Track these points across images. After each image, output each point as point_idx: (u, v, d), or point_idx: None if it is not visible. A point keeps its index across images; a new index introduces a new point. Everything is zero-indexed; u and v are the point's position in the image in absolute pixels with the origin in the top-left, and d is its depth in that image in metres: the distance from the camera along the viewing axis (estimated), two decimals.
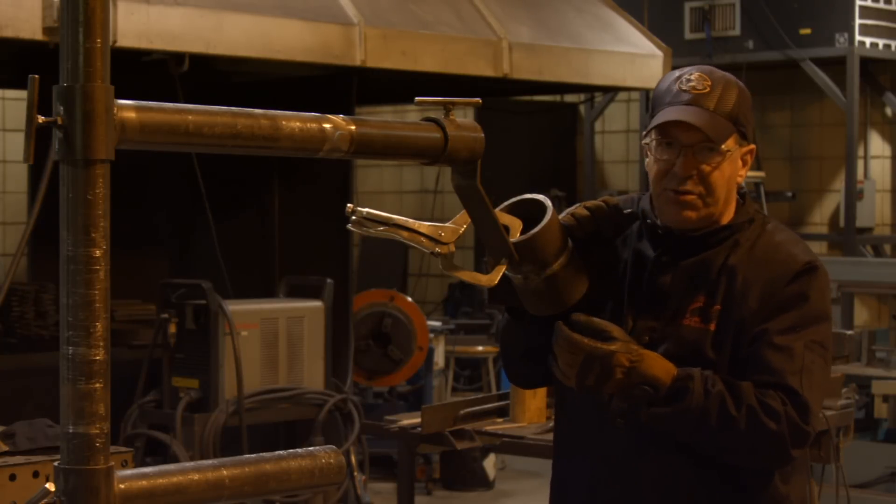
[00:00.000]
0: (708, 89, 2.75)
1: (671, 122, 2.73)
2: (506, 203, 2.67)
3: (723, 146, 2.73)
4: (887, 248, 10.68)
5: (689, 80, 2.77)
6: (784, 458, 2.70)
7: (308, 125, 1.89)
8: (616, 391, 2.67)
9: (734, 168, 2.78)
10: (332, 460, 1.95)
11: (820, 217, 10.87)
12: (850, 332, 7.12)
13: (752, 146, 2.83)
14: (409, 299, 8.91)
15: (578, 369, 2.65)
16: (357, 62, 6.87)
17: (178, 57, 6.41)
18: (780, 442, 2.65)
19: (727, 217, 2.81)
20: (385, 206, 10.56)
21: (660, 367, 2.66)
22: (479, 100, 2.34)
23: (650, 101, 2.85)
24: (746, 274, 2.74)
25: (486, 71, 7.54)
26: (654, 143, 2.77)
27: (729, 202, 2.81)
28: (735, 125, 2.75)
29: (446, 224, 2.40)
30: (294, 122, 1.87)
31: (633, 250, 2.84)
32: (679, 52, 9.61)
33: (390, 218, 2.33)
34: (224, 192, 7.73)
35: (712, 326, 2.72)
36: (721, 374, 2.69)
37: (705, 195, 2.75)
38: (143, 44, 6.10)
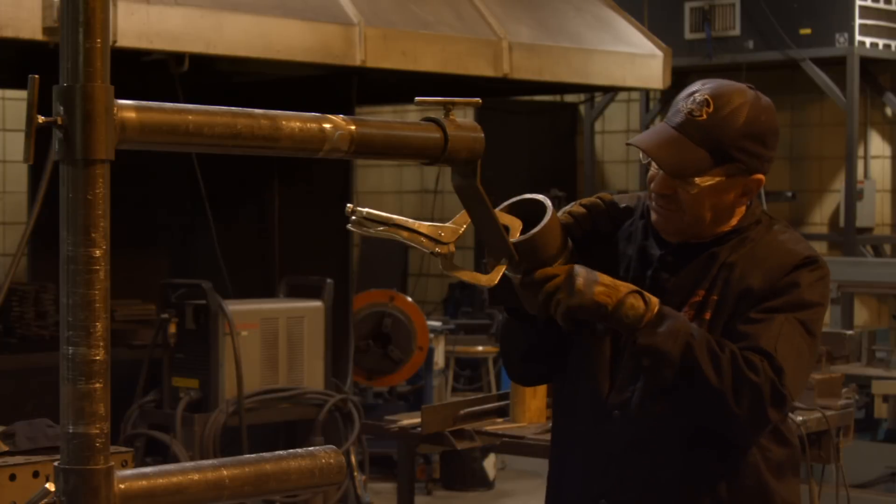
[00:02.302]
0: (704, 116, 2.68)
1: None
2: (506, 203, 2.67)
3: (696, 179, 2.69)
4: (887, 248, 10.67)
5: (694, 101, 2.71)
6: (761, 414, 2.64)
7: (308, 125, 1.89)
8: (610, 302, 2.59)
9: (721, 198, 2.73)
10: (332, 460, 1.95)
11: (820, 217, 10.87)
12: (850, 332, 7.11)
13: (758, 176, 2.74)
14: (409, 299, 8.91)
15: (564, 279, 2.59)
16: (357, 62, 6.87)
17: (178, 57, 6.41)
18: (758, 393, 2.61)
19: (731, 224, 2.80)
20: (385, 206, 10.57)
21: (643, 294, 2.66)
22: (479, 100, 2.34)
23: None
24: (745, 268, 2.75)
25: (486, 71, 7.55)
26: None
27: (720, 223, 2.78)
28: (723, 159, 2.69)
29: (446, 224, 2.40)
30: (294, 122, 1.87)
31: (638, 247, 2.84)
32: (679, 52, 9.62)
33: (390, 218, 2.33)
34: (224, 192, 7.74)
35: (707, 315, 2.73)
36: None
37: (681, 212, 2.74)
38: (143, 44, 6.10)
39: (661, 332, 2.62)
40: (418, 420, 4.76)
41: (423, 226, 2.37)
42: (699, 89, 2.73)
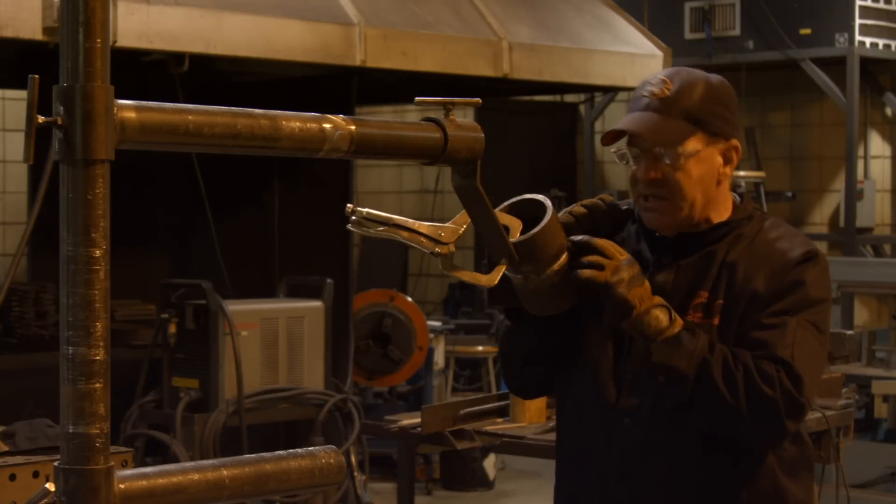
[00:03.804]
0: (666, 92, 2.75)
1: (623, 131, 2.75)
2: (506, 203, 2.67)
3: (679, 148, 2.72)
4: (887, 248, 10.68)
5: (650, 85, 2.78)
6: (778, 427, 2.67)
7: (308, 125, 1.88)
8: (639, 306, 2.64)
9: (707, 167, 2.76)
10: (332, 460, 1.95)
11: (820, 217, 10.87)
12: (850, 332, 7.12)
13: (733, 142, 2.79)
14: (409, 299, 8.91)
15: (620, 263, 2.65)
16: (357, 62, 6.87)
17: (178, 57, 6.41)
18: (774, 407, 2.62)
19: (723, 215, 2.81)
20: (385, 206, 10.56)
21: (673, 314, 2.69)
22: (479, 100, 2.34)
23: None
24: (747, 268, 2.74)
25: (486, 71, 7.55)
26: (623, 151, 2.79)
27: (712, 202, 2.79)
28: (697, 124, 2.74)
29: (446, 224, 2.40)
30: (294, 122, 1.87)
31: (632, 251, 2.82)
32: (679, 52, 9.61)
33: (390, 218, 2.33)
34: (224, 192, 7.74)
35: (716, 321, 2.72)
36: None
37: (674, 197, 2.74)
38: (143, 44, 6.10)
39: (677, 351, 2.64)
40: (418, 420, 4.76)
41: (423, 226, 2.37)
42: (651, 77, 2.81)
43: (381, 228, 2.32)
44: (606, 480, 2.81)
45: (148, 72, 6.76)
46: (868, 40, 9.84)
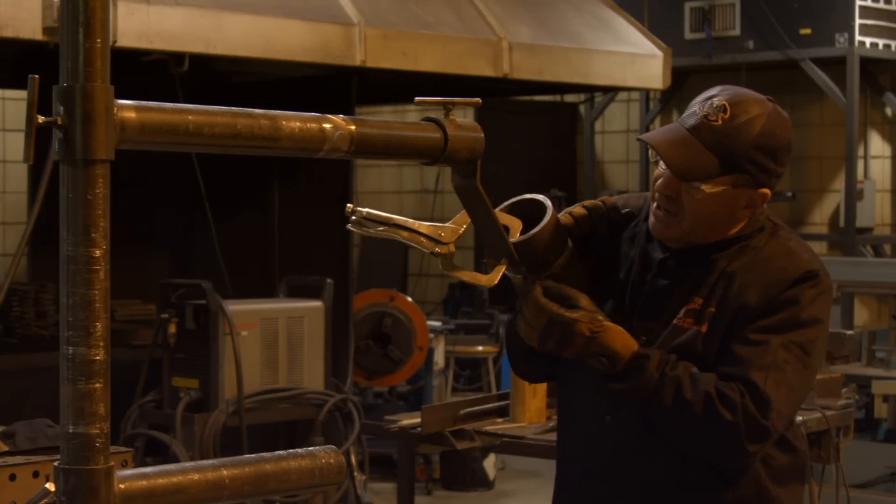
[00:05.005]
0: (720, 122, 2.65)
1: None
2: (506, 203, 2.67)
3: (702, 184, 2.65)
4: (887, 248, 10.68)
5: (711, 104, 2.68)
6: (739, 451, 2.65)
7: (308, 125, 1.89)
8: (577, 356, 2.66)
9: (724, 208, 2.70)
10: (332, 460, 1.95)
11: (820, 217, 10.87)
12: (850, 332, 7.11)
13: (763, 190, 2.70)
14: (409, 299, 8.91)
15: (541, 331, 2.64)
16: (357, 62, 6.87)
17: (178, 57, 6.41)
18: (734, 433, 2.60)
19: (733, 232, 2.76)
20: (385, 206, 10.57)
21: (620, 341, 2.64)
22: (479, 100, 2.34)
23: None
24: (745, 279, 2.70)
25: (486, 71, 7.55)
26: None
27: (720, 230, 2.74)
28: (731, 169, 2.65)
29: (446, 224, 2.40)
30: (294, 122, 1.87)
31: (640, 250, 2.81)
32: (679, 52, 9.61)
33: (390, 218, 2.33)
34: (224, 192, 7.74)
35: (704, 328, 2.69)
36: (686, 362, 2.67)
37: (681, 217, 2.70)
38: (143, 44, 6.10)
39: (627, 390, 2.65)
40: (418, 420, 4.76)
41: (423, 226, 2.37)
42: (717, 94, 2.70)
43: (381, 228, 2.32)
44: (588, 477, 2.82)
45: (148, 72, 6.76)
46: (868, 40, 9.84)
